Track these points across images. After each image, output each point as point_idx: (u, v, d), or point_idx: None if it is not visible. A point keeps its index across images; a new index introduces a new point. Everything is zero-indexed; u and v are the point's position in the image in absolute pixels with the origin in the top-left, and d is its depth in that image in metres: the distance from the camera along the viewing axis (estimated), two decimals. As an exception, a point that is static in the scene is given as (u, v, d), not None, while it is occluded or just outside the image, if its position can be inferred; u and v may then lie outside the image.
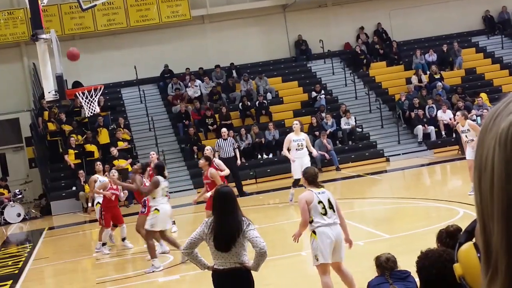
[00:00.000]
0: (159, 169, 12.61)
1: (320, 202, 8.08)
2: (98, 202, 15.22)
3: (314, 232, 8.08)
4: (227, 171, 14.43)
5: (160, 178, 12.37)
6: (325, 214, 8.05)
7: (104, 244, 14.82)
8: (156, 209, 12.32)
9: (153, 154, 16.71)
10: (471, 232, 1.27)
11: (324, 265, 8.22)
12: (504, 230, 1.01)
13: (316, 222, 8.06)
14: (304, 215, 8.11)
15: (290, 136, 17.39)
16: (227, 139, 21.02)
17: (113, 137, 25.02)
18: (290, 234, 13.83)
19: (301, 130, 17.82)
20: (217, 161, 14.05)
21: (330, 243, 8.09)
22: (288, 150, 17.44)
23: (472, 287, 1.29)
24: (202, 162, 13.42)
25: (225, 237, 6.48)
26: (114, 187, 14.60)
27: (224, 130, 21.41)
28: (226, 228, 6.48)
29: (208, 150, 14.60)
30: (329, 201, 8.18)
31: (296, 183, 16.96)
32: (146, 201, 13.03)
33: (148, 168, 14.16)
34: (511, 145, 0.99)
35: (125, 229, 15.15)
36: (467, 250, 1.29)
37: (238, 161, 21.33)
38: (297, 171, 16.49)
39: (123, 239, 15.13)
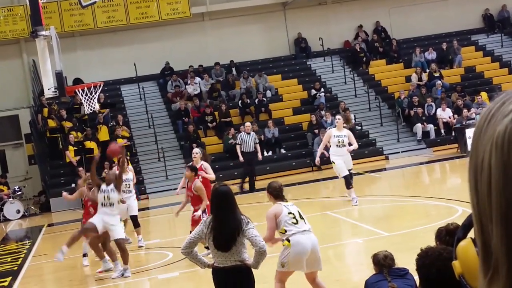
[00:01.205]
0: None
1: (290, 213, 7.84)
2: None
3: (288, 240, 7.77)
4: (212, 176, 13.14)
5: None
6: (297, 223, 7.80)
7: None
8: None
9: (196, 153, 14.75)
10: (468, 226, 1.27)
11: (285, 273, 8.00)
12: (504, 234, 1.00)
13: (290, 230, 7.77)
14: (270, 231, 7.82)
15: (331, 132, 16.26)
16: (250, 133, 21.19)
17: (113, 134, 25.02)
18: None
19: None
20: (205, 164, 13.09)
21: (305, 254, 7.81)
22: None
23: (471, 285, 1.29)
24: (188, 173, 12.15)
25: (225, 237, 6.47)
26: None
27: (248, 124, 21.61)
28: (226, 227, 6.47)
29: (197, 154, 13.16)
30: (299, 212, 7.97)
31: (348, 183, 15.81)
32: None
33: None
34: (508, 149, 0.97)
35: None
36: (465, 247, 1.28)
37: (259, 156, 21.38)
38: (342, 169, 15.67)
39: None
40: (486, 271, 1.06)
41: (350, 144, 15.75)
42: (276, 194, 7.98)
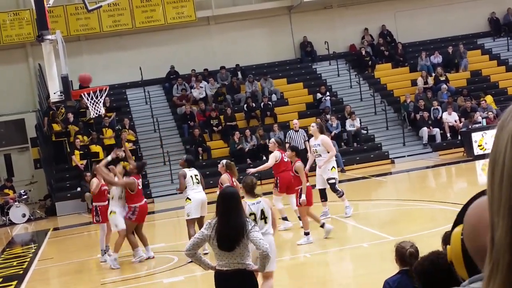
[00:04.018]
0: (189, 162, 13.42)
1: (251, 213, 8.03)
2: (112, 211, 13.44)
3: None
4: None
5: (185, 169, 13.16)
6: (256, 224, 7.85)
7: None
8: (187, 198, 13.03)
9: (272, 142, 15.36)
10: (465, 211, 1.27)
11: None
12: (510, 225, 1.01)
13: None
14: None
15: (310, 141, 15.89)
16: (298, 130, 21.21)
17: (119, 138, 25.04)
18: (293, 236, 13.85)
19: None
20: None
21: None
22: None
23: (458, 272, 1.30)
24: (289, 153, 13.36)
25: (229, 237, 6.48)
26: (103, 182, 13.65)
27: (295, 121, 21.38)
28: (231, 228, 6.49)
29: (271, 144, 15.35)
30: (262, 211, 8.17)
31: (322, 196, 14.97)
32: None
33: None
34: None
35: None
36: (455, 234, 1.30)
37: (309, 154, 21.26)
38: (317, 181, 15.06)
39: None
40: (488, 263, 1.07)
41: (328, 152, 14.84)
42: (249, 189, 8.32)
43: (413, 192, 19.34)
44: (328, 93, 27.85)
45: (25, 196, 23.30)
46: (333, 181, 14.80)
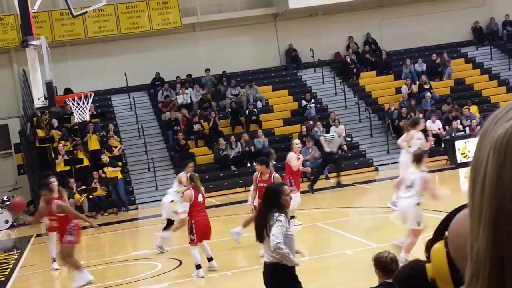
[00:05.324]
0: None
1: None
2: (173, 200, 14.58)
3: None
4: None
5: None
6: None
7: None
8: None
9: (297, 143, 15.91)
10: (444, 227, 1.27)
11: None
12: (491, 236, 1.01)
13: None
14: None
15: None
16: (341, 136, 21.87)
17: (103, 144, 24.98)
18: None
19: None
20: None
21: None
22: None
23: None
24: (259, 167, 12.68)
25: (256, 227, 7.15)
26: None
27: (342, 127, 22.22)
28: (258, 219, 7.18)
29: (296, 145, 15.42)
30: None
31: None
32: (75, 228, 12.37)
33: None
34: (505, 153, 1.00)
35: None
36: (437, 249, 1.29)
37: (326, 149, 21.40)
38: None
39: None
40: (468, 272, 1.06)
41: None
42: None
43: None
44: (313, 101, 27.93)
45: (8, 202, 23.13)
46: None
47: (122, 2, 28.07)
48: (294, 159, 15.01)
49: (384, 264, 5.41)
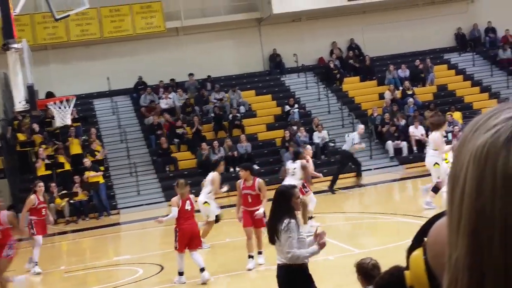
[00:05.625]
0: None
1: None
2: (206, 202, 14.57)
3: None
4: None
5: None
6: None
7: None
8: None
9: (308, 148, 16.96)
10: (422, 234, 1.25)
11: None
12: (469, 247, 1.00)
13: None
14: None
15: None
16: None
17: (86, 148, 24.82)
18: (267, 247, 13.80)
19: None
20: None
21: None
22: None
23: None
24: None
25: (268, 231, 7.20)
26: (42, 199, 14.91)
27: (362, 126, 22.35)
28: (269, 223, 7.22)
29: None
30: None
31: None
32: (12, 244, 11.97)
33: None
34: (484, 163, 0.99)
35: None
36: (416, 257, 1.27)
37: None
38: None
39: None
40: (445, 281, 1.05)
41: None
42: None
43: (379, 205, 19.42)
44: (296, 106, 27.92)
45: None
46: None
47: (105, 5, 27.93)
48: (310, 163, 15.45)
49: (366, 271, 5.43)
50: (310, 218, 15.09)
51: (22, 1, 16.35)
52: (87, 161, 23.24)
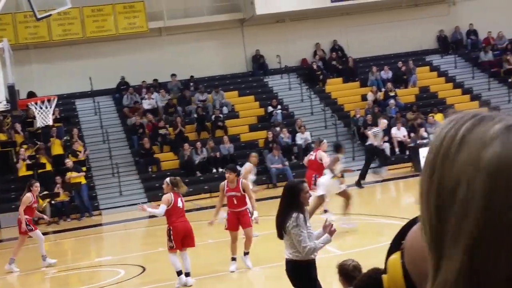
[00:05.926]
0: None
1: None
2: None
3: None
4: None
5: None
6: None
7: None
8: None
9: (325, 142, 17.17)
10: (401, 238, 1.24)
11: None
12: (464, 264, 0.97)
13: None
14: None
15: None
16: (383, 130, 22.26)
17: (67, 148, 24.67)
18: (255, 247, 13.79)
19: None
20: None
21: None
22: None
23: None
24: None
25: (276, 226, 7.19)
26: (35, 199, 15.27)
27: (384, 120, 22.44)
28: (277, 218, 7.18)
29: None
30: None
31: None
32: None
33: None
34: (496, 175, 0.95)
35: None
36: (394, 261, 1.26)
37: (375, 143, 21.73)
38: None
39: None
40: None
41: None
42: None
43: (361, 207, 19.45)
44: (279, 107, 27.94)
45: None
46: None
47: (87, 5, 27.79)
48: (326, 157, 15.84)
49: (347, 272, 5.48)
50: (325, 211, 15.47)
51: (3, 0, 16.23)
52: (69, 162, 23.11)
